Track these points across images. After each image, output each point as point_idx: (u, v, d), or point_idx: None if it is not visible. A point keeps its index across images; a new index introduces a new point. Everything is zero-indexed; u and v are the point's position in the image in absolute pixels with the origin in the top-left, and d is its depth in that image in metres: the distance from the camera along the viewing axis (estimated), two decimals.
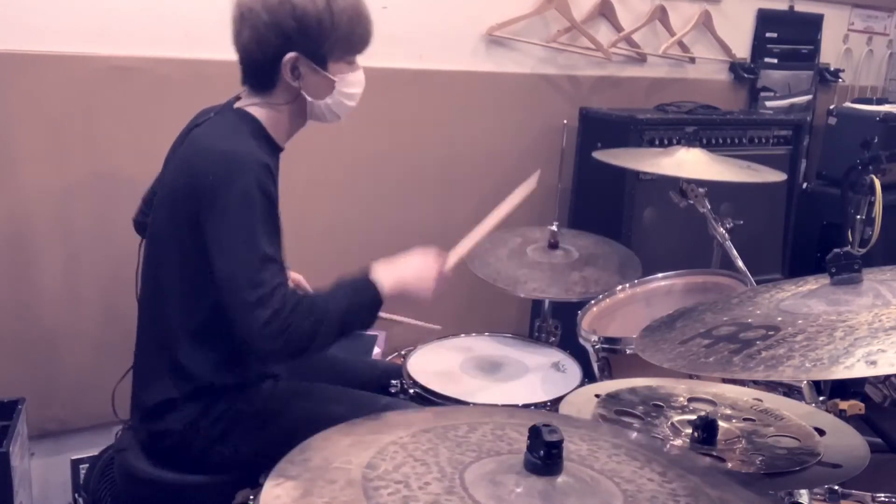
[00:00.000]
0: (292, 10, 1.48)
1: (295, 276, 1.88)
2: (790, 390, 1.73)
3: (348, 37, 1.55)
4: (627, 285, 2.04)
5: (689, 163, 2.13)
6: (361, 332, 1.53)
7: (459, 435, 1.00)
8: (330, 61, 1.55)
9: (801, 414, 1.39)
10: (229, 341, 1.55)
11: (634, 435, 1.13)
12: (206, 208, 1.44)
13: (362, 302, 1.51)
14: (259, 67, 1.55)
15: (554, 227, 2.19)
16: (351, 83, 1.60)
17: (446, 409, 1.55)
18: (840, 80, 3.73)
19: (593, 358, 1.84)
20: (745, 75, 3.39)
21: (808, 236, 3.25)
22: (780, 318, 1.12)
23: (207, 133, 1.55)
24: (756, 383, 1.58)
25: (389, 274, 1.56)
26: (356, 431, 1.01)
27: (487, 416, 1.08)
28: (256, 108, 1.58)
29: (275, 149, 1.60)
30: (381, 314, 1.59)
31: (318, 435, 1.00)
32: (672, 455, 1.06)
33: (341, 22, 1.51)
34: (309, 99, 1.58)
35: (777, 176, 2.23)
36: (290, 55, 1.51)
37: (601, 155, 2.30)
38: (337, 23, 1.51)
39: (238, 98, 1.63)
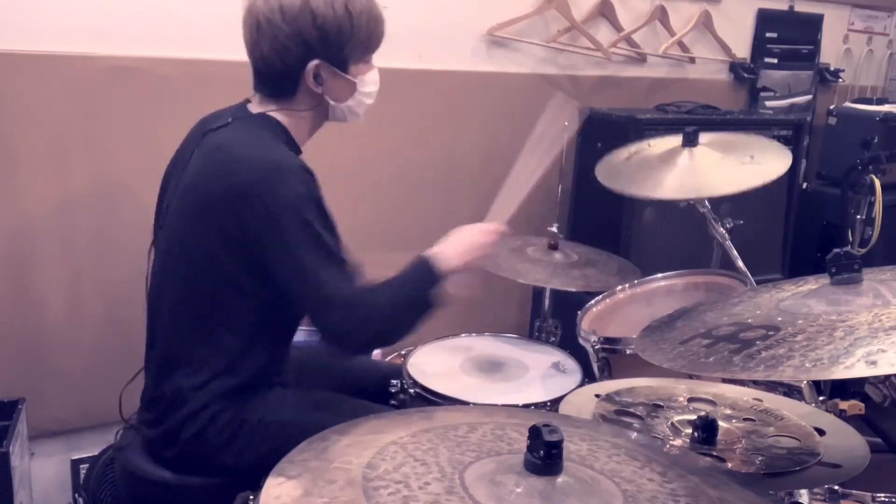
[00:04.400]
0: (313, 19, 1.48)
1: None
2: (790, 390, 1.73)
3: (367, 38, 1.56)
4: (627, 285, 2.04)
5: (691, 174, 2.07)
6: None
7: (459, 435, 1.00)
8: (351, 64, 1.56)
9: (801, 414, 1.39)
10: (239, 345, 1.55)
11: (634, 435, 1.13)
12: (261, 224, 1.44)
13: (425, 284, 1.54)
14: (280, 77, 1.54)
15: (554, 229, 2.19)
16: (369, 82, 1.62)
17: (446, 409, 1.55)
18: (840, 80, 3.73)
19: (593, 358, 1.84)
20: (745, 75, 3.39)
21: (808, 236, 3.25)
22: (780, 318, 1.12)
23: (237, 140, 1.52)
24: (756, 383, 1.58)
25: (446, 250, 1.59)
26: (356, 431, 1.01)
27: (487, 416, 1.08)
28: (278, 113, 1.57)
29: (297, 151, 1.60)
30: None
31: (318, 435, 1.00)
32: (672, 455, 1.06)
33: (360, 24, 1.53)
34: (332, 103, 1.58)
35: (781, 164, 2.11)
36: (313, 63, 1.52)
37: (601, 173, 2.20)
38: (356, 26, 1.52)
39: (248, 101, 1.62)
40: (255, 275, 1.49)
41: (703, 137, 2.14)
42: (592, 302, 2.02)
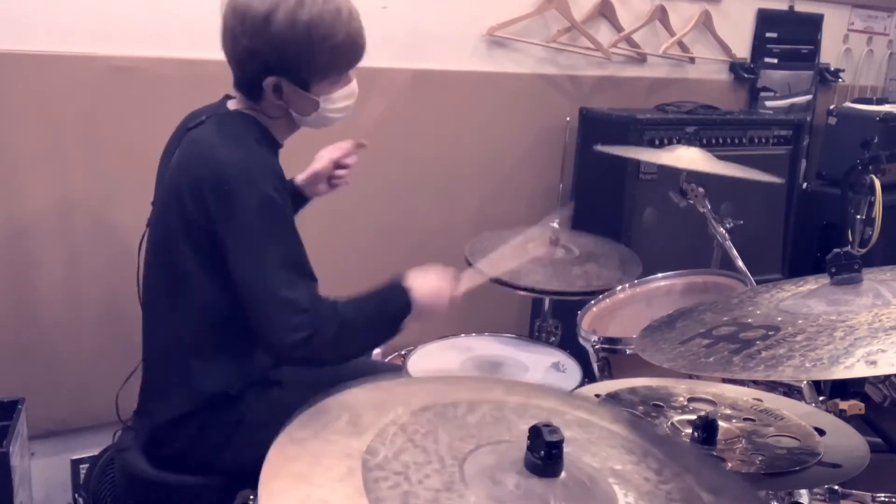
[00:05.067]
0: (270, 40, 1.44)
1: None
2: (790, 390, 1.73)
3: (330, 63, 1.50)
4: (627, 285, 2.04)
5: (688, 158, 2.14)
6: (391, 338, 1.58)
7: (458, 415, 0.99)
8: (312, 83, 1.52)
9: (801, 414, 1.39)
10: (239, 348, 1.55)
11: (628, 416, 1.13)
12: (224, 219, 1.44)
13: (391, 310, 1.53)
14: (245, 83, 1.54)
15: (555, 225, 2.19)
16: (336, 100, 1.56)
17: (445, 380, 1.53)
18: (840, 80, 3.73)
19: (593, 358, 1.84)
20: (745, 75, 3.39)
21: (808, 236, 3.25)
22: (780, 318, 1.12)
23: (211, 137, 1.52)
24: (756, 383, 1.58)
25: (416, 286, 1.56)
26: (356, 403, 1.00)
27: (487, 392, 1.07)
28: (253, 111, 1.57)
29: (276, 146, 1.60)
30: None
31: (318, 405, 1.00)
32: (668, 451, 1.05)
33: (322, 50, 1.47)
34: (295, 115, 1.57)
35: (773, 178, 2.23)
36: (271, 79, 1.49)
37: (603, 147, 2.29)
38: (317, 51, 1.46)
39: (228, 97, 1.61)
40: (220, 271, 1.47)
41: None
42: (592, 302, 2.02)
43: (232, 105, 1.59)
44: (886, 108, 3.35)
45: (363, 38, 1.54)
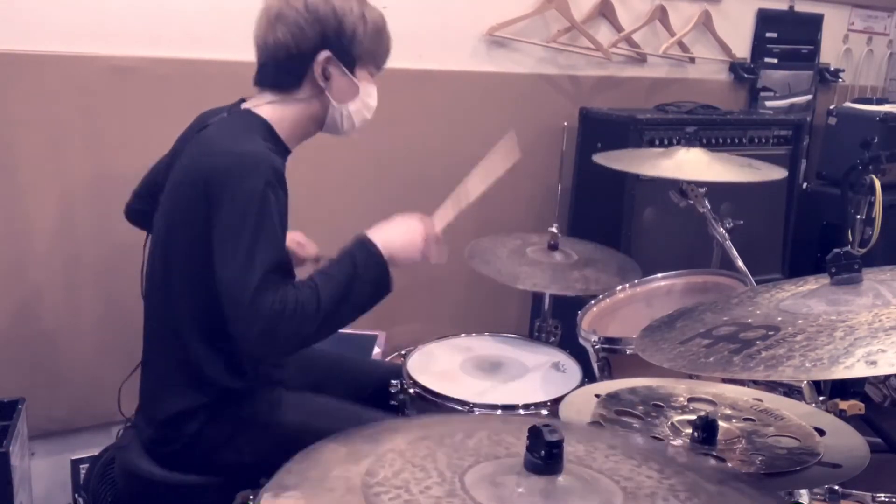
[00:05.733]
0: (333, 11, 1.54)
1: (298, 238, 1.92)
2: (790, 390, 1.73)
3: (376, 47, 1.62)
4: (627, 285, 2.04)
5: (690, 163, 2.14)
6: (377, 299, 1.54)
7: (456, 441, 0.99)
8: (358, 67, 1.60)
9: (801, 414, 1.39)
10: (226, 341, 1.55)
11: (638, 440, 1.13)
12: (215, 206, 1.44)
13: (366, 274, 1.51)
14: (290, 64, 1.56)
15: (554, 229, 2.19)
16: (371, 94, 1.65)
17: (440, 417, 1.54)
18: (840, 80, 3.73)
19: (593, 358, 1.84)
20: (745, 75, 3.39)
21: (808, 236, 3.25)
22: (780, 318, 1.12)
23: (217, 134, 1.54)
24: (756, 383, 1.58)
25: (380, 238, 1.58)
26: (351, 441, 1.01)
27: (482, 424, 1.08)
28: (267, 109, 1.58)
29: (283, 150, 1.60)
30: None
31: (311, 447, 1.00)
32: (671, 456, 1.05)
33: (373, 32, 1.59)
34: (334, 103, 1.60)
35: (777, 173, 2.23)
36: (325, 53, 1.55)
37: (601, 158, 2.30)
38: (370, 32, 1.58)
39: (244, 100, 1.63)
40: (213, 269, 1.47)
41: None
42: (592, 302, 2.02)
43: (247, 105, 1.60)
44: (886, 108, 3.35)
45: (391, 41, 1.66)
